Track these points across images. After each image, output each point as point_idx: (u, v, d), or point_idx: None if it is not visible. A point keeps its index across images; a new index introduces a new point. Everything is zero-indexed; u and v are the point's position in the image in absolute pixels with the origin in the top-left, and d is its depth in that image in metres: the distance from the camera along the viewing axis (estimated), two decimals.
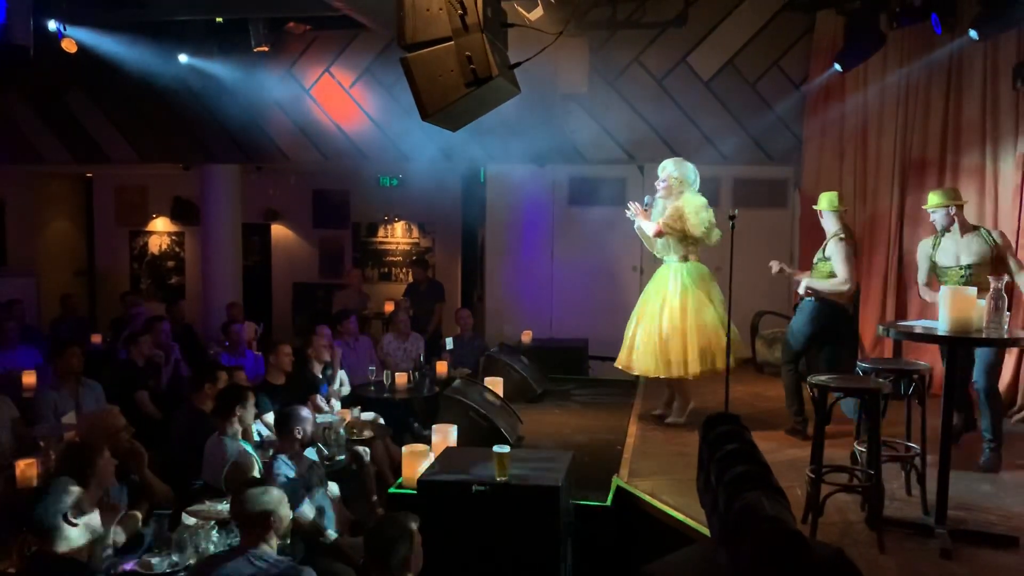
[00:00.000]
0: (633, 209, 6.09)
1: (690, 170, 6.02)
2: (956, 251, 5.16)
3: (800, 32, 8.49)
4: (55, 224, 12.18)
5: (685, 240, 5.93)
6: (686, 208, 5.86)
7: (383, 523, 3.09)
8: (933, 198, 5.23)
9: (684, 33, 8.80)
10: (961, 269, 5.11)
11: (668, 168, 6.03)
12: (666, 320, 5.88)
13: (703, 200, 5.94)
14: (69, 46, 8.25)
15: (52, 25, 7.99)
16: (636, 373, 6.17)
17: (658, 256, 6.19)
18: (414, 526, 3.00)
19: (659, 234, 5.97)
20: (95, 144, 10.25)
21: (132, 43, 8.96)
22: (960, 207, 5.20)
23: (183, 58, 9.29)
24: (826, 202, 5.74)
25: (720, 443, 2.74)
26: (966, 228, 5.19)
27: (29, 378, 6.53)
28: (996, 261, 5.08)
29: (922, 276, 5.40)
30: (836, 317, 5.74)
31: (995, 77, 6.76)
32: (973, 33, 5.90)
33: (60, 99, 10.12)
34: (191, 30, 9.05)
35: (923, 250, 5.39)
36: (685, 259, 6.00)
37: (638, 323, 6.07)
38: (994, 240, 5.11)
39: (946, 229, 5.23)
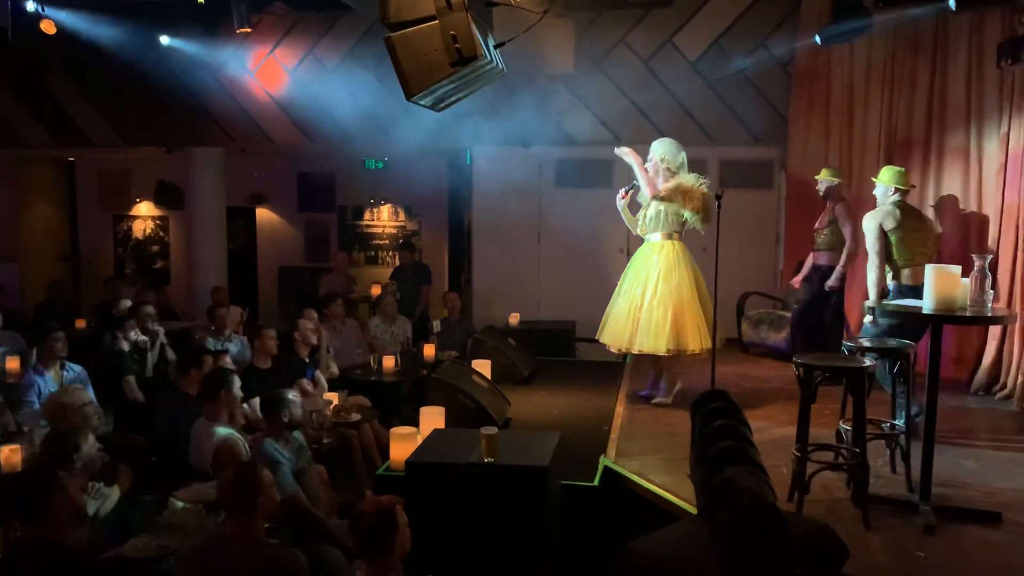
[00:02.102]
0: (641, 177, 6.04)
1: (675, 149, 5.99)
2: None
3: (786, 12, 8.48)
4: (38, 209, 12.05)
5: (678, 217, 5.91)
6: (685, 182, 5.85)
7: (367, 506, 3.09)
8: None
9: (670, 13, 8.77)
10: None
11: (655, 149, 6.01)
12: (674, 294, 5.80)
13: (702, 179, 5.93)
14: (48, 27, 8.12)
15: (31, 6, 7.86)
16: (636, 351, 5.95)
17: (641, 234, 6.14)
18: (399, 508, 3.00)
19: (656, 197, 5.86)
20: (76, 127, 10.14)
21: (113, 24, 8.83)
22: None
23: (165, 39, 9.17)
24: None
25: (708, 420, 2.75)
26: None
27: (13, 363, 6.50)
28: None
29: None
30: None
31: (980, 56, 6.77)
32: (951, 2, 5.88)
33: (40, 82, 9.99)
34: (172, 11, 8.93)
35: None
36: (670, 237, 5.98)
37: (622, 298, 5.99)
38: None
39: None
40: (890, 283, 5.38)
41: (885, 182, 5.46)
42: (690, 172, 5.98)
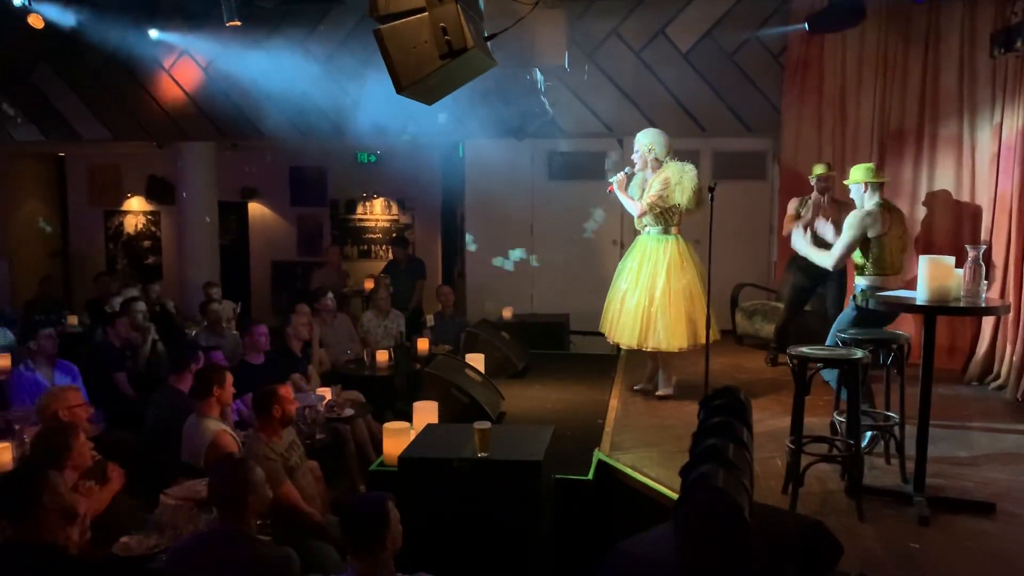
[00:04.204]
0: (616, 182, 6.01)
1: (661, 137, 5.95)
2: None
3: (778, 2, 8.44)
4: (28, 205, 11.99)
5: (671, 212, 5.89)
6: (673, 177, 5.81)
7: (358, 503, 3.07)
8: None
9: (662, 4, 8.73)
10: None
11: (640, 139, 5.99)
12: (685, 291, 5.81)
13: (689, 166, 5.87)
14: (36, 22, 8.06)
15: (17, 0, 7.79)
16: (651, 348, 5.92)
17: (639, 228, 6.11)
18: (390, 504, 2.97)
19: (644, 213, 5.91)
20: (65, 122, 10.06)
21: (100, 18, 8.77)
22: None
23: (153, 33, 9.11)
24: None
25: (708, 416, 2.76)
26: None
27: (3, 361, 6.45)
28: None
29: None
30: None
31: (972, 45, 6.75)
32: None
33: (27, 76, 9.91)
34: (161, 4, 8.86)
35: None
36: (667, 232, 5.95)
37: (629, 295, 5.93)
38: None
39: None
40: (861, 281, 5.21)
41: (858, 180, 5.10)
42: (676, 161, 5.94)
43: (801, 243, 5.26)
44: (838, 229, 5.21)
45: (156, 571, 3.47)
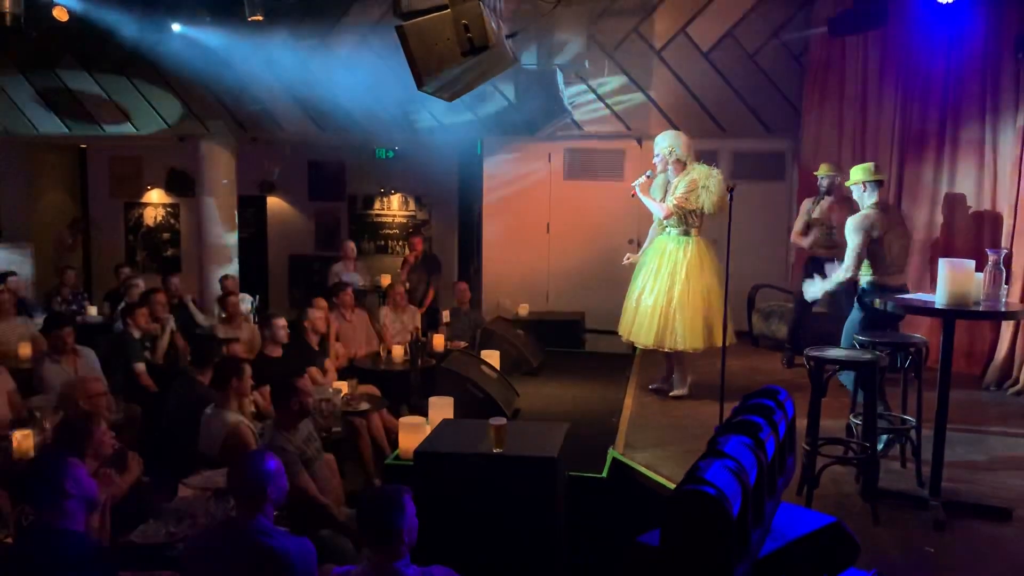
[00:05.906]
0: (638, 186, 6.03)
1: (679, 139, 5.94)
2: None
3: (800, 2, 8.41)
4: (50, 195, 12.11)
5: (693, 214, 5.89)
6: (700, 180, 5.81)
7: (375, 495, 3.09)
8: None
9: (683, 3, 8.71)
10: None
11: (659, 143, 5.99)
12: (704, 292, 5.83)
13: (716, 171, 5.87)
14: (61, 14, 8.14)
15: None
16: (668, 349, 5.96)
17: (660, 229, 6.11)
18: (407, 498, 3.00)
19: (670, 215, 5.90)
20: (88, 114, 10.16)
21: (124, 11, 8.84)
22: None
23: (176, 27, 9.17)
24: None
25: (735, 414, 2.79)
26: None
27: (24, 349, 6.53)
28: None
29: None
30: None
31: (996, 47, 6.69)
32: None
33: (52, 69, 10.01)
34: None
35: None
36: (687, 233, 5.95)
37: (646, 294, 5.94)
38: None
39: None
40: (866, 279, 5.24)
41: (857, 180, 5.23)
42: (701, 163, 5.94)
43: (817, 287, 5.27)
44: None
45: (174, 559, 3.51)
